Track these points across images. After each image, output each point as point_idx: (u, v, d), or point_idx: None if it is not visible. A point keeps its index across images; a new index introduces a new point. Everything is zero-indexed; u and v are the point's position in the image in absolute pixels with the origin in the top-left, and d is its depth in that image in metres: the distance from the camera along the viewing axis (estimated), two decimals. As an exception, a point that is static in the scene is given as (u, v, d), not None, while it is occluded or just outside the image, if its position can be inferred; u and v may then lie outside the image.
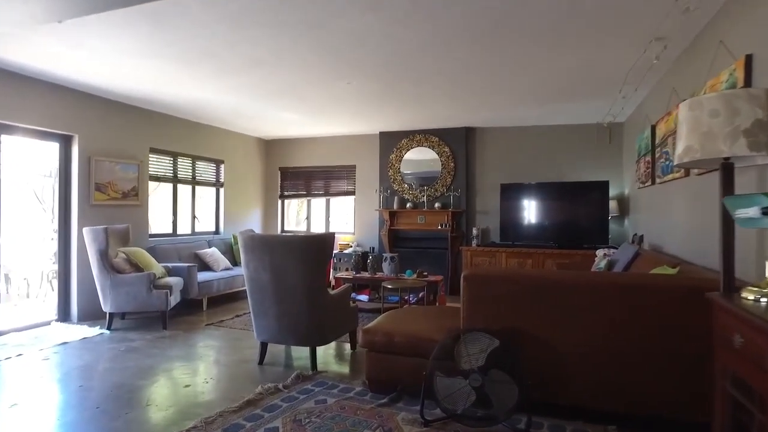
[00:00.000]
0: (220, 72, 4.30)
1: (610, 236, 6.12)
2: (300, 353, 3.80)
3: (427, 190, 7.10)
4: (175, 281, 4.81)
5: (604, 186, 6.02)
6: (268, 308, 3.36)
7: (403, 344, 2.87)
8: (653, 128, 4.53)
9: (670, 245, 4.05)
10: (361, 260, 5.27)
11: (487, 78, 4.49)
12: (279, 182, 8.21)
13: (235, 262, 6.62)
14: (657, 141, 4.27)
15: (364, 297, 5.21)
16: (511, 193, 6.57)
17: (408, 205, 7.15)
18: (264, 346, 3.54)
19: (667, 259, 3.51)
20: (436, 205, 6.98)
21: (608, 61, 3.94)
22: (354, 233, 7.74)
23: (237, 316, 5.17)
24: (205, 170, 6.83)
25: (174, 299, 4.75)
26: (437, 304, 4.91)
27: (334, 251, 7.38)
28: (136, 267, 4.65)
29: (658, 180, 4.28)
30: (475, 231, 6.78)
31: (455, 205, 6.93)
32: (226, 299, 6.05)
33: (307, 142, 7.99)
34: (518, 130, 6.85)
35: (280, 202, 8.21)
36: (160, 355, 3.75)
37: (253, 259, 3.30)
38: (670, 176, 3.83)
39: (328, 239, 3.31)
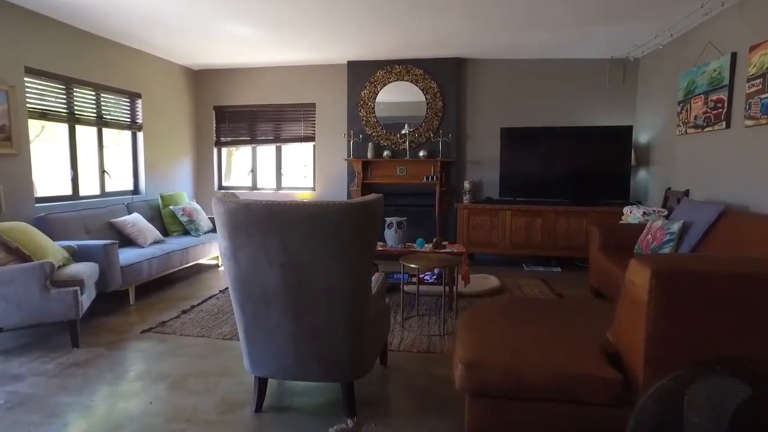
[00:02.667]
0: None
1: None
2: (311, 384, 2.50)
3: (409, 135, 5.81)
4: (86, 270, 3.17)
5: (626, 132, 5.15)
6: (275, 327, 1.99)
7: (543, 385, 1.70)
8: (734, 57, 3.61)
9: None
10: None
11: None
12: (214, 125, 6.41)
13: (166, 232, 4.94)
14: (752, 71, 3.35)
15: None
16: (513, 139, 5.51)
17: (386, 153, 5.84)
18: (262, 384, 2.18)
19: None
20: (421, 153, 5.75)
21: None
22: (314, 189, 6.30)
23: (184, 311, 3.67)
24: (116, 106, 4.91)
25: (87, 297, 3.14)
26: (463, 280, 3.81)
27: (293, 212, 5.93)
28: (18, 253, 2.94)
29: (748, 122, 3.39)
30: (466, 184, 5.69)
31: (444, 153, 5.75)
32: (160, 285, 4.45)
33: (249, 73, 6.22)
34: (516, 64, 5.71)
35: (215, 150, 6.45)
36: (75, 407, 2.23)
37: (249, 245, 1.88)
38: (795, 114, 2.94)
39: (377, 208, 1.97)
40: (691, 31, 4.27)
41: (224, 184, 6.57)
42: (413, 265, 3.26)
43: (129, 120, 5.11)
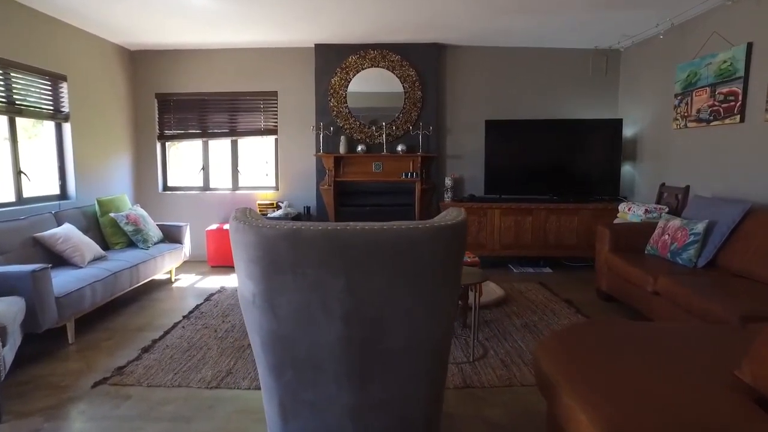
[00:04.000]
0: None
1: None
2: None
3: (386, 127, 5.28)
4: (7, 310, 2.35)
5: (616, 125, 4.98)
6: (326, 399, 1.42)
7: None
8: (750, 47, 3.45)
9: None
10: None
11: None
12: (156, 116, 5.48)
13: (106, 246, 4.07)
14: (776, 61, 3.19)
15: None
16: (498, 132, 5.16)
17: (360, 148, 5.27)
18: (299, 470, 1.60)
19: None
20: (399, 147, 5.24)
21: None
22: (278, 188, 5.60)
23: (145, 350, 2.91)
24: (34, 90, 3.92)
25: (11, 348, 2.33)
26: (477, 293, 3.37)
27: (256, 215, 5.21)
28: None
29: (771, 114, 3.24)
30: (448, 181, 5.29)
31: (425, 147, 5.28)
32: (105, 313, 3.61)
33: (199, 56, 5.37)
34: (496, 53, 5.36)
35: (159, 145, 5.54)
36: None
37: (296, 288, 1.30)
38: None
39: (465, 229, 1.45)
40: (688, 22, 4.11)
41: (170, 184, 5.66)
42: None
43: (51, 108, 4.13)
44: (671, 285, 2.93)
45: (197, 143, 5.58)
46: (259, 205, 5.38)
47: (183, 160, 5.69)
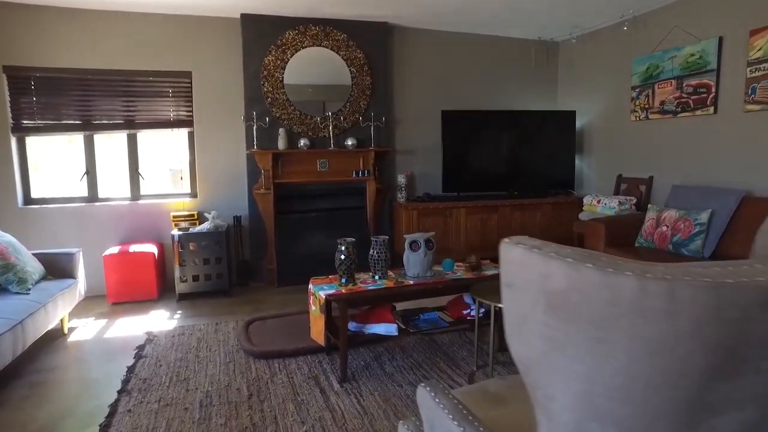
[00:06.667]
0: None
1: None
2: None
3: (332, 118, 4.51)
4: None
5: (570, 117, 4.95)
6: None
7: None
8: (721, 41, 3.56)
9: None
10: (353, 251, 2.60)
11: None
12: (8, 99, 3.88)
13: (-44, 294, 2.62)
14: (756, 55, 3.30)
15: (383, 328, 2.57)
16: (456, 124, 4.77)
17: (302, 142, 4.42)
18: None
19: None
20: (349, 141, 4.53)
21: None
22: (196, 195, 4.44)
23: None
24: None
25: None
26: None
27: (173, 232, 4.04)
28: None
29: (752, 107, 3.35)
30: (401, 179, 4.76)
31: (378, 141, 4.65)
32: (-27, 403, 2.26)
33: (76, 18, 3.93)
34: (446, 38, 4.96)
35: (15, 140, 3.94)
36: None
37: (749, 398, 0.62)
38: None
39: None
40: (644, 16, 4.18)
41: (35, 195, 4.08)
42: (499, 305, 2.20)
43: None
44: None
45: (77, 138, 4.11)
46: (173, 217, 4.17)
47: (55, 162, 4.14)
